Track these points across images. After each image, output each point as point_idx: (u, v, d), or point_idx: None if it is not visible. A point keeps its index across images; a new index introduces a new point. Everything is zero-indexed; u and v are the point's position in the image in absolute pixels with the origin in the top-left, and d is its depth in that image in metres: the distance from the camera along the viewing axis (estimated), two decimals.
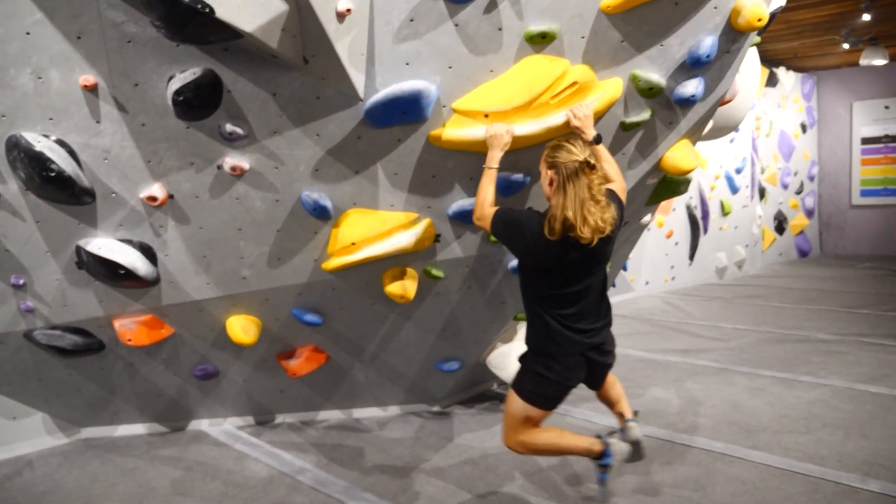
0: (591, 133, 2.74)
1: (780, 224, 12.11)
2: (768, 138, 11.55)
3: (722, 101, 3.26)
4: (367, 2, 2.60)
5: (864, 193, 12.64)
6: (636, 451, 2.73)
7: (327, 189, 3.10)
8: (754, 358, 5.52)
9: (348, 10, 2.49)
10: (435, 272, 3.46)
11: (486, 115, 2.88)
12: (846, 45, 10.33)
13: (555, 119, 2.88)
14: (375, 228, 3.19)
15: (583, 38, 2.82)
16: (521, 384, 2.64)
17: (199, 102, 2.75)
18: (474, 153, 3.02)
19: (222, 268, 3.34)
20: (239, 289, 3.41)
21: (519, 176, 3.09)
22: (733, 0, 2.80)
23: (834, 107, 12.86)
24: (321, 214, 3.12)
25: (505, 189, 3.14)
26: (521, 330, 4.12)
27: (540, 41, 2.80)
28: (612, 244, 2.58)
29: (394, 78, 2.80)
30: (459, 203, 3.20)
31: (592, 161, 2.39)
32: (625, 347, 5.98)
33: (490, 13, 2.72)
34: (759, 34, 3.04)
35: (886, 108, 12.28)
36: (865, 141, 12.59)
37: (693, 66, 2.90)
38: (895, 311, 7.41)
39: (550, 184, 2.46)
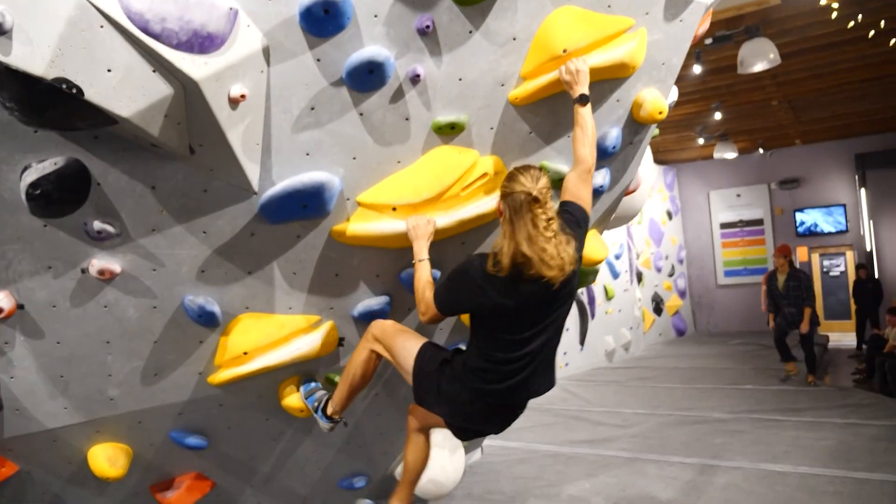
0: (579, 90, 2.54)
1: (658, 305, 12.72)
2: (640, 225, 12.28)
3: (626, 191, 3.29)
4: (262, 88, 2.37)
5: (728, 274, 13.67)
6: None
7: (215, 292, 2.73)
8: (659, 444, 5.49)
9: (242, 96, 2.25)
10: (338, 380, 3.12)
11: (394, 209, 2.69)
12: (701, 141, 11.38)
13: (466, 211, 2.75)
14: (271, 334, 2.84)
15: (492, 129, 2.74)
16: (424, 368, 2.59)
17: (59, 196, 2.34)
18: (381, 248, 2.80)
19: (84, 388, 2.82)
20: (105, 412, 2.89)
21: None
22: (634, 94, 2.86)
23: (694, 195, 14.01)
24: (207, 321, 2.73)
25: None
26: (432, 436, 3.80)
27: (448, 132, 2.68)
28: (572, 285, 2.46)
29: (292, 169, 2.55)
30: (366, 303, 2.94)
31: (538, 195, 2.31)
32: (531, 442, 5.77)
33: (396, 102, 2.57)
34: (657, 126, 3.12)
35: (738, 195, 13.54)
36: (724, 226, 13.75)
37: (600, 157, 2.89)
38: (776, 385, 7.79)
39: (500, 216, 2.41)
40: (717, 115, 9.78)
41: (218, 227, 2.61)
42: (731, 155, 11.38)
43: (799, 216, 12.93)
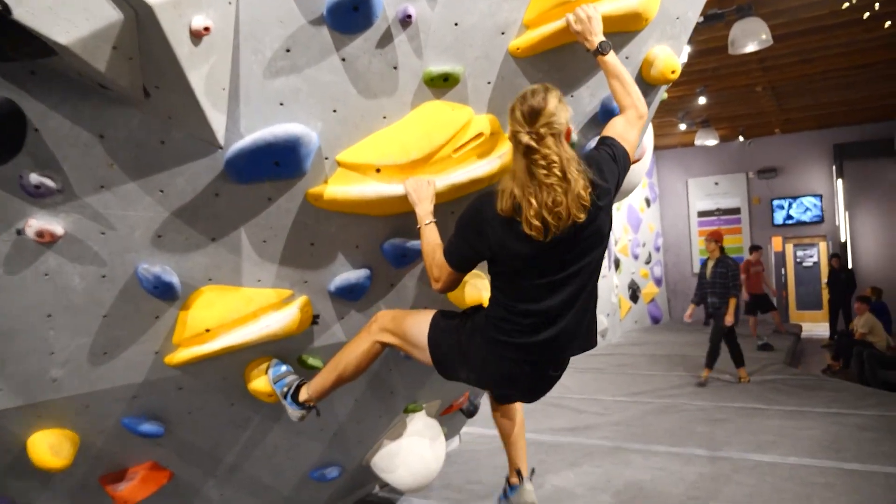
0: (594, 40, 2.29)
1: (634, 293, 12.64)
2: (618, 211, 12.14)
3: (632, 160, 3.04)
4: (230, 22, 2.05)
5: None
6: None
7: (173, 261, 2.42)
8: (643, 432, 5.32)
9: (206, 29, 1.93)
10: (312, 361, 2.84)
11: (378, 170, 2.40)
12: (682, 127, 11.24)
13: (458, 175, 2.47)
14: (237, 310, 2.54)
15: (489, 83, 2.46)
16: (441, 327, 2.41)
17: None
18: (362, 215, 2.52)
19: (23, 368, 2.48)
20: (47, 395, 2.55)
21: (416, 243, 2.62)
22: (645, 50, 2.60)
23: (672, 183, 13.93)
24: (164, 293, 2.42)
25: (399, 258, 2.66)
26: (412, 424, 3.55)
27: (441, 84, 2.39)
28: (597, 225, 2.17)
29: (263, 121, 2.24)
30: (344, 276, 2.65)
31: (530, 143, 2.06)
32: None
33: (384, 48, 2.28)
34: (667, 89, 2.87)
35: (716, 184, 13.49)
36: (701, 214, 13.71)
37: (605, 120, 2.63)
38: (753, 374, 7.69)
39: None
40: (702, 100, 9.63)
41: (177, 185, 2.29)
42: (711, 142, 11.28)
43: (776, 205, 12.93)
